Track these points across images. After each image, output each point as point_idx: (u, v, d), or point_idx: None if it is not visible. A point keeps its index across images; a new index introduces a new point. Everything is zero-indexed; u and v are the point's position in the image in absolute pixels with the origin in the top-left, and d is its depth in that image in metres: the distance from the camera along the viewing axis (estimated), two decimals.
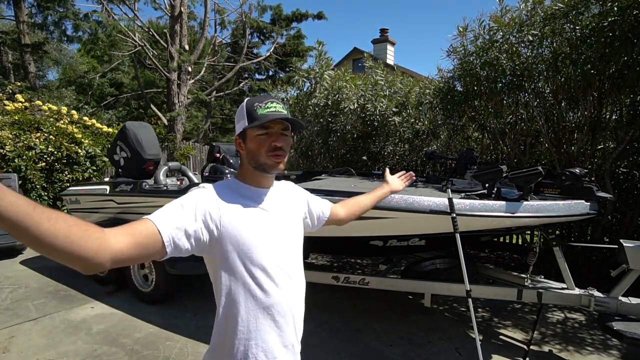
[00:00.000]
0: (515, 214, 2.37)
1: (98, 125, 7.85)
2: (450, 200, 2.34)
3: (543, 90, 4.14)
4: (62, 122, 7.07)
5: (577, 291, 2.71)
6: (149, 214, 0.90)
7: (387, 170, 1.83)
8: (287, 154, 1.07)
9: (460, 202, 2.41)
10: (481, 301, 3.71)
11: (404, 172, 1.83)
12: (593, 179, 2.70)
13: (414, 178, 1.82)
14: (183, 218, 0.90)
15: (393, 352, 2.81)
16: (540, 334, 3.12)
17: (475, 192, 2.63)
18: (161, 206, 0.93)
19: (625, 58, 3.31)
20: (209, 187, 1.02)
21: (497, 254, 5.25)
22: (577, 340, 3.02)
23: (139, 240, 0.80)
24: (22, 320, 3.27)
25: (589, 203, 2.40)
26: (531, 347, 2.90)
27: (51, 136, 6.58)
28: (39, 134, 6.48)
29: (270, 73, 14.26)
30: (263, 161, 1.02)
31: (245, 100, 1.06)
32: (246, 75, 14.12)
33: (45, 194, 6.30)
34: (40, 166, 6.32)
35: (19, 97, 7.10)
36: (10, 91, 8.08)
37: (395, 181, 1.75)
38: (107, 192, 3.90)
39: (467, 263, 2.45)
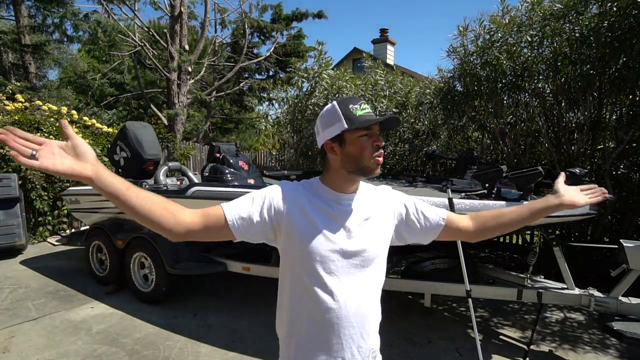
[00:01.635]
0: None
1: (98, 125, 7.83)
2: (450, 200, 2.34)
3: (543, 91, 4.15)
4: None
5: (577, 291, 2.72)
6: None
7: (562, 176, 1.19)
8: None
9: (460, 202, 2.42)
10: (481, 301, 3.71)
11: (594, 185, 1.19)
12: (593, 179, 2.71)
13: (607, 196, 1.18)
14: (250, 210, 0.99)
15: (393, 352, 2.81)
16: (540, 333, 3.12)
17: (475, 192, 2.64)
18: None
19: (625, 58, 3.32)
20: (286, 184, 1.06)
21: (497, 254, 5.24)
22: (577, 340, 3.02)
23: (208, 222, 0.96)
24: (22, 320, 3.27)
25: None
26: (531, 347, 2.90)
27: (51, 136, 6.58)
28: (39, 134, 6.47)
29: (271, 73, 14.23)
30: (366, 164, 0.98)
31: (335, 103, 1.01)
32: (246, 75, 14.08)
33: (45, 194, 6.29)
34: None
35: (19, 97, 7.09)
36: (10, 91, 8.06)
37: (570, 192, 1.13)
38: None
39: (467, 263, 2.45)
